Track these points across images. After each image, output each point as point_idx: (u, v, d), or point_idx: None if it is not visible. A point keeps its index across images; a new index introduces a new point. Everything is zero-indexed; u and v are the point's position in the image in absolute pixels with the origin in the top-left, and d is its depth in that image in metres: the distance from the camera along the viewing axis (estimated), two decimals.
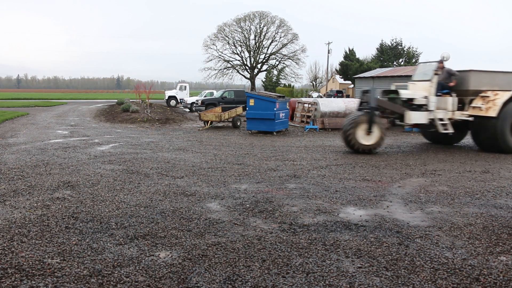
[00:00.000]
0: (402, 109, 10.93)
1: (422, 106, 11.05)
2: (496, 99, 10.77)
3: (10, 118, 20.22)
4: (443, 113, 11.19)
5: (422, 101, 11.01)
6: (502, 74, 11.52)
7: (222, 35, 58.82)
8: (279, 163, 8.88)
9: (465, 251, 4.06)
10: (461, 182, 7.14)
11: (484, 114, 10.78)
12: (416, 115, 10.92)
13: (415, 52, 53.94)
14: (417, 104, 11.01)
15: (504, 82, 11.36)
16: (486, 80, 11.27)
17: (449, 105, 11.23)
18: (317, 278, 3.45)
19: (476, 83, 11.21)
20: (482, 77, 11.29)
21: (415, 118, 10.90)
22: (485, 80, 11.26)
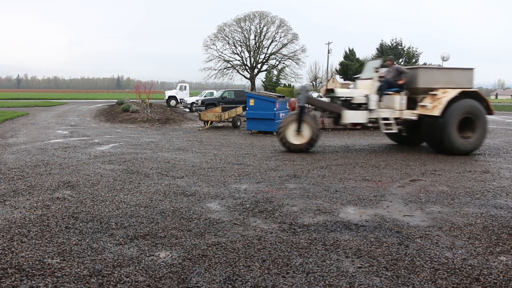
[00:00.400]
0: (339, 108, 10.81)
1: (361, 105, 10.82)
2: (442, 98, 10.30)
3: (10, 118, 20.22)
4: (389, 112, 10.80)
5: (361, 99, 10.79)
6: (456, 71, 11.02)
7: (222, 35, 58.86)
8: (279, 163, 8.88)
9: (465, 251, 4.06)
10: (461, 182, 7.14)
11: (429, 113, 10.37)
12: (353, 114, 10.70)
13: (415, 52, 53.99)
14: (357, 103, 10.80)
15: (460, 79, 10.83)
16: (439, 78, 10.75)
17: (397, 104, 10.80)
18: (317, 278, 3.45)
19: (426, 80, 10.72)
20: (433, 75, 10.83)
21: (352, 117, 10.72)
22: (438, 77, 10.75)
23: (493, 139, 14.28)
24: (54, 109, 29.67)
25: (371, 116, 10.78)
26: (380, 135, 15.72)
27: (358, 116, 10.74)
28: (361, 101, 10.82)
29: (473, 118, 10.36)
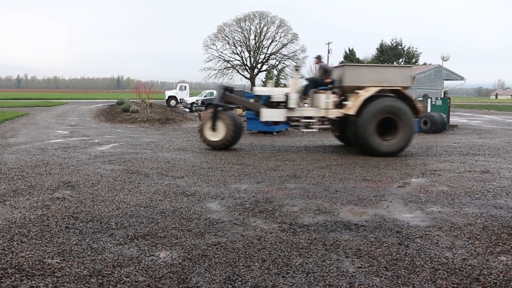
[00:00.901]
0: (258, 106, 10.86)
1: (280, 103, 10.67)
2: (360, 96, 10.01)
3: (10, 118, 20.22)
4: (314, 111, 10.63)
5: (280, 98, 10.67)
6: (390, 69, 10.75)
7: (222, 35, 58.82)
8: (279, 163, 8.88)
9: (465, 251, 4.06)
10: (461, 182, 7.14)
11: (347, 112, 10.18)
12: (270, 112, 10.61)
13: (415, 52, 53.89)
14: (276, 102, 10.70)
15: (395, 77, 10.36)
16: (369, 76, 10.32)
17: (322, 102, 10.55)
18: (317, 278, 3.45)
19: (352, 78, 10.33)
20: (361, 73, 10.45)
21: (269, 115, 10.64)
22: (367, 75, 10.33)
23: (493, 139, 14.28)
24: (54, 109, 29.67)
25: (292, 114, 10.64)
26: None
27: (275, 115, 10.63)
28: (280, 100, 10.69)
29: (395, 118, 9.98)
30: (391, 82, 10.30)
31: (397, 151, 10.04)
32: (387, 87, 10.23)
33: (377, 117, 9.89)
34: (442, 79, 19.48)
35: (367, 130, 9.86)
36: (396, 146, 9.99)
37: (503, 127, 19.92)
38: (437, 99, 17.87)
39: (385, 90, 10.21)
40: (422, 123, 16.81)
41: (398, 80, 10.36)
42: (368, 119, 9.86)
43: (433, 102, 17.77)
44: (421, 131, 16.77)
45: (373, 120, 9.87)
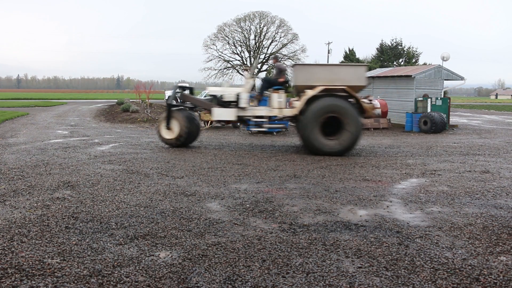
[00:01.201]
0: (210, 105, 11.12)
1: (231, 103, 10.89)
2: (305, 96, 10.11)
3: (10, 118, 20.22)
4: (266, 110, 10.72)
5: (231, 97, 10.90)
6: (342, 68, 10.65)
7: (222, 35, 58.81)
8: (279, 163, 8.88)
9: (465, 251, 4.06)
10: (461, 182, 7.13)
11: (293, 111, 10.34)
12: (221, 111, 10.82)
13: (415, 52, 53.88)
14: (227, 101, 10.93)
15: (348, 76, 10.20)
16: (320, 75, 10.22)
17: (274, 102, 10.63)
18: (317, 278, 3.45)
19: (303, 78, 10.29)
20: (313, 72, 10.37)
21: (220, 114, 10.85)
22: (318, 75, 10.23)
23: (493, 139, 14.29)
24: (54, 109, 29.67)
25: (244, 114, 10.77)
26: (380, 135, 15.73)
27: (226, 114, 10.81)
28: (231, 99, 10.91)
29: (339, 117, 9.87)
30: (344, 81, 10.15)
31: (342, 151, 9.89)
32: (331, 86, 10.09)
33: (320, 116, 9.85)
34: (442, 79, 19.45)
35: (310, 129, 9.87)
36: (341, 146, 9.87)
37: (503, 127, 19.92)
38: (437, 99, 17.87)
39: (331, 89, 10.08)
40: (422, 123, 16.81)
41: (351, 79, 10.20)
42: (311, 118, 9.85)
43: (433, 102, 17.77)
44: (421, 131, 16.77)
45: (316, 119, 9.84)
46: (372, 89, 21.84)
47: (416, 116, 17.26)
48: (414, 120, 17.27)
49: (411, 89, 19.02)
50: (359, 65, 10.64)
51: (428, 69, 19.37)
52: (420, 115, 17.07)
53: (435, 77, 19.25)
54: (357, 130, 9.82)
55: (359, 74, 10.32)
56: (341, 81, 10.13)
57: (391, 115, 19.43)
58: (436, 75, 19.25)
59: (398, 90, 20.03)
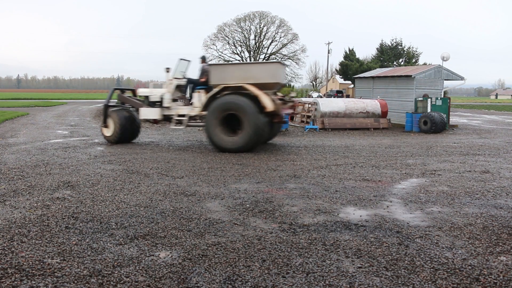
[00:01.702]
0: (139, 105, 11.83)
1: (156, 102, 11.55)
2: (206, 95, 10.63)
3: (10, 118, 20.22)
4: (188, 109, 11.21)
5: (156, 98, 11.59)
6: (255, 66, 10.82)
7: (222, 35, 58.90)
8: (279, 163, 8.88)
9: (465, 251, 4.06)
10: (461, 182, 7.13)
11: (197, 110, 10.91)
12: (147, 110, 11.53)
13: (415, 52, 53.91)
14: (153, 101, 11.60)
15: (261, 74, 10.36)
16: (234, 74, 10.44)
17: (196, 101, 11.05)
18: (317, 278, 3.45)
19: (219, 77, 10.50)
20: (227, 71, 10.69)
21: (146, 113, 11.56)
22: (232, 73, 10.46)
23: (493, 139, 14.29)
24: (54, 109, 29.66)
25: (168, 113, 11.39)
26: (380, 135, 15.73)
27: (152, 113, 11.50)
28: (156, 99, 11.59)
29: (238, 115, 10.01)
30: (256, 78, 10.28)
31: (241, 148, 10.04)
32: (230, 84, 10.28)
33: (219, 114, 10.10)
34: (442, 79, 19.45)
35: (211, 126, 10.18)
36: (241, 143, 10.04)
37: (503, 127, 19.92)
38: (437, 99, 17.87)
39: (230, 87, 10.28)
40: (422, 123, 16.81)
41: (263, 76, 10.35)
42: (211, 115, 10.18)
43: (433, 102, 17.77)
44: (421, 131, 16.77)
45: (216, 116, 10.13)
46: (372, 89, 21.85)
47: (416, 116, 17.27)
48: (414, 120, 17.27)
49: (411, 89, 19.02)
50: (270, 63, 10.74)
51: (428, 69, 19.37)
52: (420, 115, 17.07)
53: (435, 77, 19.25)
54: (255, 127, 9.88)
55: (271, 71, 10.49)
56: (253, 79, 10.31)
57: (391, 115, 19.43)
58: (436, 75, 19.25)
59: (398, 90, 20.03)
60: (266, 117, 10.04)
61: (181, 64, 12.02)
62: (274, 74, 10.44)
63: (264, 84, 10.25)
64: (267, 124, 10.21)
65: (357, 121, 17.68)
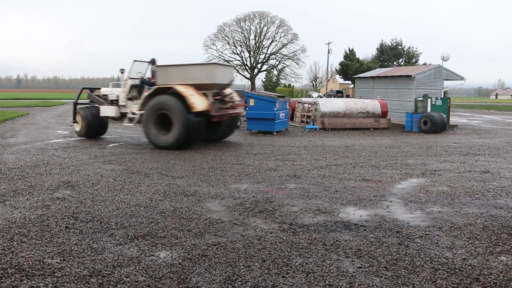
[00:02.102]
0: (102, 103, 12.68)
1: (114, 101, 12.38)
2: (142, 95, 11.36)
3: (10, 118, 20.22)
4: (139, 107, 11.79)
5: (113, 97, 12.37)
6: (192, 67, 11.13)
7: (222, 35, 58.89)
8: (279, 163, 8.88)
9: (465, 251, 4.06)
10: (461, 182, 7.14)
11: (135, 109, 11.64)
12: (106, 108, 12.42)
13: (415, 52, 53.89)
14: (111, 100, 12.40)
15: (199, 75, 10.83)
16: (176, 75, 10.94)
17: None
18: (317, 278, 3.45)
19: (164, 78, 11.01)
20: (170, 72, 11.10)
21: (104, 111, 12.44)
22: (174, 75, 10.98)
23: (493, 139, 14.29)
24: (54, 109, 29.66)
25: (124, 110, 12.17)
26: (380, 135, 15.73)
27: (110, 110, 12.35)
28: (113, 98, 12.36)
29: (168, 114, 10.46)
30: (195, 79, 10.79)
31: (172, 145, 10.46)
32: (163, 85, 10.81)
33: (153, 113, 10.67)
34: (442, 79, 19.44)
35: (147, 124, 10.77)
36: (171, 141, 10.48)
37: (503, 127, 19.93)
38: (437, 99, 17.87)
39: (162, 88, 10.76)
40: (422, 123, 16.81)
41: (200, 77, 10.83)
42: (146, 115, 10.79)
43: (433, 102, 17.76)
44: (421, 131, 16.77)
45: (150, 116, 10.70)
46: (372, 89, 21.85)
47: (416, 116, 17.26)
48: (414, 120, 17.27)
49: (411, 89, 19.02)
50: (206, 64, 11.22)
51: (428, 69, 19.37)
52: (420, 115, 17.07)
53: (435, 77, 19.25)
54: (184, 126, 10.26)
55: (208, 72, 10.94)
56: (192, 79, 10.80)
57: (391, 115, 19.43)
58: (436, 75, 19.25)
59: (398, 90, 20.03)
60: (198, 117, 10.42)
61: (138, 66, 12.64)
62: (211, 75, 10.81)
63: (201, 84, 10.74)
64: (200, 123, 10.57)
65: (357, 121, 17.68)
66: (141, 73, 12.53)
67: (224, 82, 11.12)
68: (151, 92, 10.86)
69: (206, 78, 10.77)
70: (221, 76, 11.02)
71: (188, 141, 10.64)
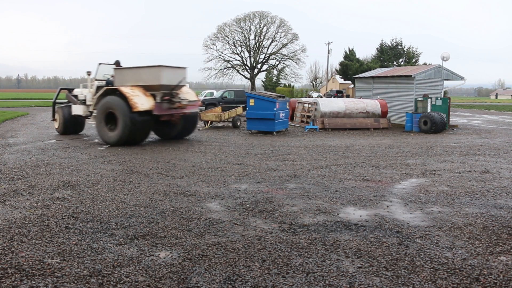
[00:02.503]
0: (75, 102, 13.64)
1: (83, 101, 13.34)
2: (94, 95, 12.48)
3: (10, 118, 20.22)
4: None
5: (82, 97, 13.40)
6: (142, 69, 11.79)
7: (222, 35, 58.85)
8: (279, 163, 8.88)
9: (465, 251, 4.06)
10: (461, 182, 7.14)
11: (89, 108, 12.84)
12: (77, 107, 13.39)
13: (415, 52, 53.89)
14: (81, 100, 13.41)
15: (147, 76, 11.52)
16: (129, 77, 11.78)
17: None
18: (317, 278, 3.45)
19: (120, 80, 11.88)
20: (124, 74, 11.96)
21: (76, 110, 13.43)
22: (127, 76, 11.81)
23: (493, 139, 14.29)
24: None
25: (91, 109, 12.82)
26: (380, 135, 15.73)
27: (79, 109, 13.30)
28: (82, 98, 13.40)
29: (114, 113, 11.20)
30: (145, 80, 11.56)
31: (117, 142, 11.21)
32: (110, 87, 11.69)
33: (102, 112, 11.49)
34: (442, 79, 19.43)
35: (98, 122, 11.67)
36: (116, 138, 11.23)
37: (503, 127, 19.92)
38: (437, 99, 17.86)
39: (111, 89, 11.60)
40: (422, 123, 16.81)
41: (149, 79, 11.52)
42: (98, 113, 11.65)
43: (433, 102, 17.76)
44: (421, 131, 16.77)
45: (100, 114, 11.54)
46: (372, 89, 21.85)
47: (416, 116, 17.26)
48: (414, 120, 17.27)
49: (411, 89, 19.02)
50: (153, 66, 11.73)
51: (428, 69, 19.37)
52: (420, 115, 17.07)
53: (435, 77, 19.25)
54: (125, 124, 10.99)
55: (154, 74, 11.53)
56: (142, 81, 11.60)
57: (391, 115, 19.43)
58: (436, 75, 19.25)
59: (398, 90, 20.03)
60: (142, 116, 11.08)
61: (104, 68, 13.37)
62: (157, 76, 11.41)
63: (149, 86, 11.46)
64: (145, 122, 11.25)
65: (357, 121, 17.67)
66: (108, 75, 13.22)
67: (173, 83, 11.60)
68: (102, 93, 11.72)
69: (153, 79, 11.42)
70: (169, 77, 11.55)
71: (134, 138, 11.34)
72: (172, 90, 11.66)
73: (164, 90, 11.59)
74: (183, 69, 12.11)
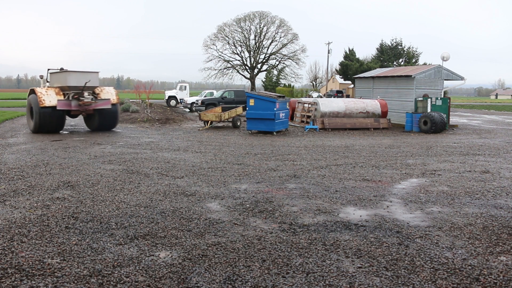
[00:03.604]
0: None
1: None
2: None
3: (10, 118, 20.22)
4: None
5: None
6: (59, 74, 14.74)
7: (222, 35, 58.82)
8: (279, 163, 8.88)
9: (465, 251, 4.06)
10: (461, 182, 7.14)
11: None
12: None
13: (415, 52, 53.88)
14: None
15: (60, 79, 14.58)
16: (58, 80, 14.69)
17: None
18: (317, 278, 3.45)
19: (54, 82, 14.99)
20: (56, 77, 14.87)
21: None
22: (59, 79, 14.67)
23: (493, 139, 14.29)
24: None
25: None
26: (380, 135, 15.73)
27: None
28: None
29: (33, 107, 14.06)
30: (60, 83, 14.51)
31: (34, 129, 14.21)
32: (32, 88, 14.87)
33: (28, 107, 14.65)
34: (442, 79, 19.42)
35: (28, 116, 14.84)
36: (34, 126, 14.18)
37: (503, 127, 19.92)
38: (437, 99, 17.86)
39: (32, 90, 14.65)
40: (422, 123, 16.81)
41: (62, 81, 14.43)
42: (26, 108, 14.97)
43: (433, 102, 17.76)
44: (421, 131, 16.77)
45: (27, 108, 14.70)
46: (372, 89, 21.84)
47: (416, 116, 17.26)
48: (414, 120, 17.27)
49: (411, 89, 19.01)
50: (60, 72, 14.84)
51: (428, 69, 19.36)
52: (420, 115, 17.06)
53: (435, 77, 19.24)
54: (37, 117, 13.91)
55: (62, 78, 14.50)
56: (60, 83, 14.58)
57: (391, 115, 19.42)
58: (436, 75, 19.24)
59: (398, 90, 20.02)
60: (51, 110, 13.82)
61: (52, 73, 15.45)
62: (65, 79, 14.36)
63: (62, 87, 14.32)
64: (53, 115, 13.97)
65: (357, 121, 17.67)
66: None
67: (80, 85, 14.20)
68: (29, 93, 14.71)
69: (63, 82, 14.38)
70: (75, 80, 14.30)
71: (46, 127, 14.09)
72: (83, 90, 14.32)
73: (74, 90, 14.32)
74: (91, 73, 14.70)
